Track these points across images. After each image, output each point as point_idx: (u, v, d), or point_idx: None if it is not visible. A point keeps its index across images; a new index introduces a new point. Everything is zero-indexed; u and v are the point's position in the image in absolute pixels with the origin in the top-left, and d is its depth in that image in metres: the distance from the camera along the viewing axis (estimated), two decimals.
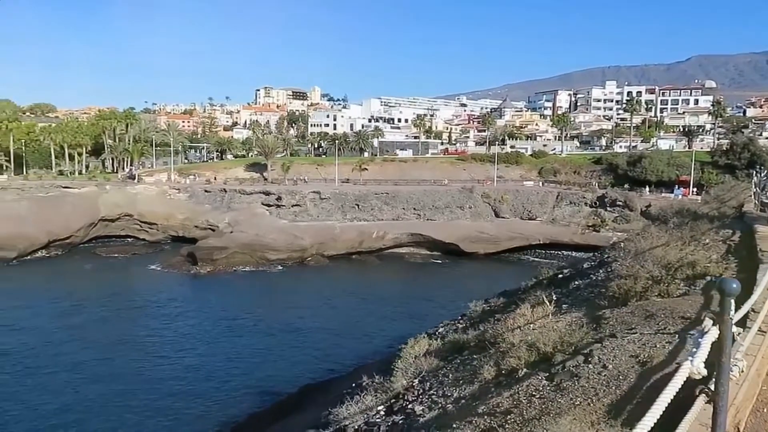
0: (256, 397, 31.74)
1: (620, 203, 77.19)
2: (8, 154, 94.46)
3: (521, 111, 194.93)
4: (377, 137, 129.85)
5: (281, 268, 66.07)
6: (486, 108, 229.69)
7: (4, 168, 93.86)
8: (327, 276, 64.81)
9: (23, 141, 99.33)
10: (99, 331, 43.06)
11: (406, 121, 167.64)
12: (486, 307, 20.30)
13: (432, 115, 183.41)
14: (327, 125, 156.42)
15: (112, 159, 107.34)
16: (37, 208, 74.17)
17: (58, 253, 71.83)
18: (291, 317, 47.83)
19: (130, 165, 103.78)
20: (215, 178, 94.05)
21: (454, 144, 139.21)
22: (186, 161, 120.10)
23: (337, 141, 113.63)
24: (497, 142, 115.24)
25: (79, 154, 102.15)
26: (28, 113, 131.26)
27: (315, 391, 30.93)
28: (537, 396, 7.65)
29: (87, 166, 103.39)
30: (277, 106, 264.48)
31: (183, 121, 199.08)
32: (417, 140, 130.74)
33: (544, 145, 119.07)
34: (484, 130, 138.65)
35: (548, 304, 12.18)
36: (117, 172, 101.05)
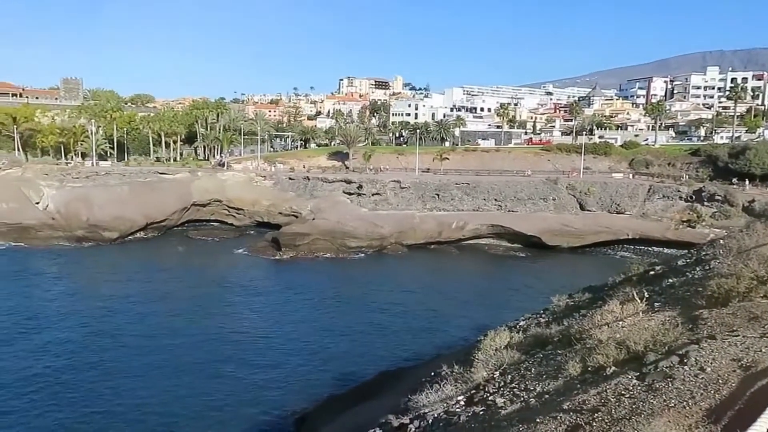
0: (334, 380, 32.50)
1: (719, 198, 72.17)
2: (112, 142, 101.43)
3: (611, 99, 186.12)
4: (459, 127, 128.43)
5: (361, 255, 67.06)
6: (573, 96, 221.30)
7: (108, 154, 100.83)
8: (405, 265, 65.11)
9: (125, 129, 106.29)
10: (188, 307, 45.61)
11: (489, 110, 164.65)
12: (570, 302, 19.64)
13: (516, 104, 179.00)
14: (408, 114, 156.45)
15: (204, 147, 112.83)
16: (136, 193, 79.28)
17: (155, 234, 76.59)
18: (369, 304, 48.51)
19: (220, 153, 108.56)
20: (303, 167, 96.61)
21: (539, 134, 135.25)
22: (272, 149, 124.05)
23: (418, 130, 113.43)
24: (585, 132, 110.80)
25: (174, 142, 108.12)
26: (129, 103, 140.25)
27: (391, 377, 31.21)
28: (627, 395, 7.33)
29: (181, 154, 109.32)
30: (360, 96, 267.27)
31: (269, 111, 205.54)
32: (500, 130, 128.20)
33: (636, 135, 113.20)
34: (571, 120, 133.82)
35: (639, 301, 11.62)
36: (208, 160, 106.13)
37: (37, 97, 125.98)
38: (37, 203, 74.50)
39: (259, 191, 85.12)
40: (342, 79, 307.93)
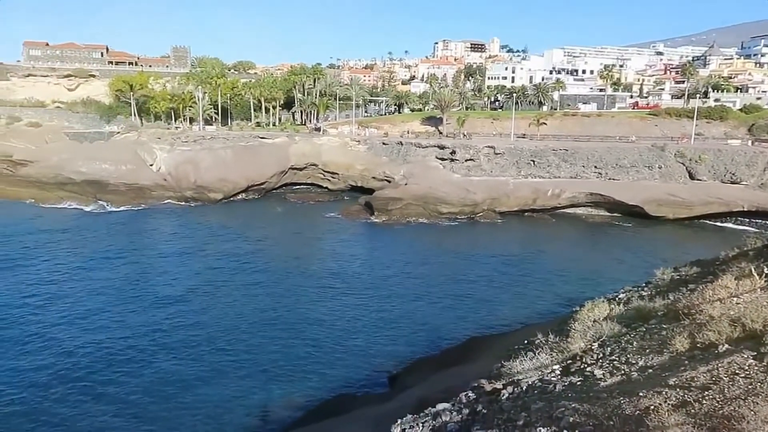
0: (423, 342, 33.06)
1: None
2: (216, 107, 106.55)
3: (731, 59, 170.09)
4: (558, 90, 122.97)
5: (452, 222, 66.84)
6: (686, 56, 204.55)
7: (213, 119, 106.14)
8: (498, 232, 64.19)
9: (228, 95, 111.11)
10: (286, 266, 47.79)
11: (591, 72, 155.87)
12: (675, 276, 18.60)
13: (621, 66, 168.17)
14: (505, 78, 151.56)
15: (301, 112, 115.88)
16: (238, 157, 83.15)
17: (255, 196, 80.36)
18: (459, 270, 48.49)
19: (316, 118, 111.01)
20: (397, 132, 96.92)
21: (646, 97, 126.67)
22: (366, 114, 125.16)
23: (514, 94, 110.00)
24: (698, 95, 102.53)
25: (273, 107, 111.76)
26: (232, 70, 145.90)
27: (481, 343, 31.28)
28: (741, 375, 6.91)
29: (279, 119, 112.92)
30: (455, 59, 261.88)
31: (364, 76, 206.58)
32: (602, 93, 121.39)
33: (758, 98, 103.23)
34: (683, 82, 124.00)
35: (757, 277, 10.79)
36: (305, 124, 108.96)
37: (150, 66, 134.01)
38: (151, 165, 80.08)
39: (353, 156, 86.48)
40: (437, 43, 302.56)
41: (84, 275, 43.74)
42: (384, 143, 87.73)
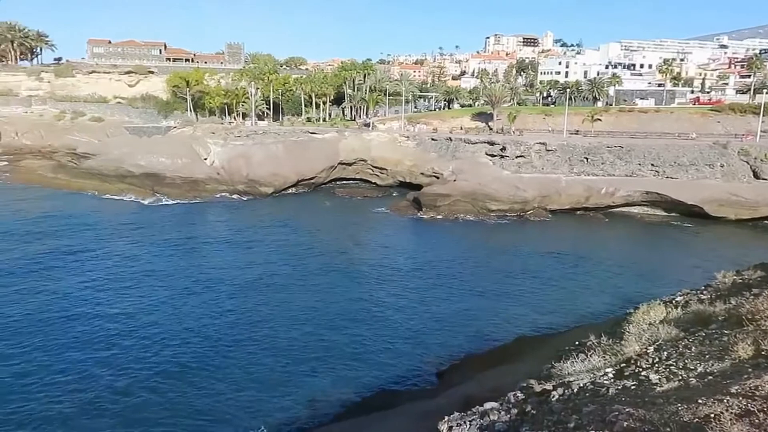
0: (471, 340, 32.81)
1: None
2: (268, 103, 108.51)
3: None
4: (614, 85, 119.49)
5: (501, 219, 66.01)
6: (753, 49, 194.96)
7: (265, 114, 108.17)
8: (548, 230, 62.98)
9: (280, 91, 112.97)
10: (334, 260, 48.35)
11: (650, 66, 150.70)
12: (738, 279, 17.82)
13: (682, 60, 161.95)
14: (558, 73, 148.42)
15: (351, 107, 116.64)
16: (289, 151, 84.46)
17: (304, 191, 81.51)
18: (508, 268, 47.86)
19: (366, 113, 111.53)
20: (446, 128, 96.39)
21: (708, 92, 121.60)
22: (415, 110, 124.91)
23: (568, 89, 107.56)
24: (765, 90, 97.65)
25: (324, 103, 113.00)
26: (284, 66, 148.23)
27: (530, 343, 30.85)
28: None
29: (329, 114, 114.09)
30: (506, 54, 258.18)
31: (414, 71, 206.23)
32: (661, 88, 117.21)
33: None
34: (749, 76, 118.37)
35: None
36: (354, 120, 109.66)
37: (205, 62, 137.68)
38: (205, 159, 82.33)
39: (402, 151, 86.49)
40: (488, 37, 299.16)
41: (142, 266, 45.36)
42: (433, 139, 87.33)
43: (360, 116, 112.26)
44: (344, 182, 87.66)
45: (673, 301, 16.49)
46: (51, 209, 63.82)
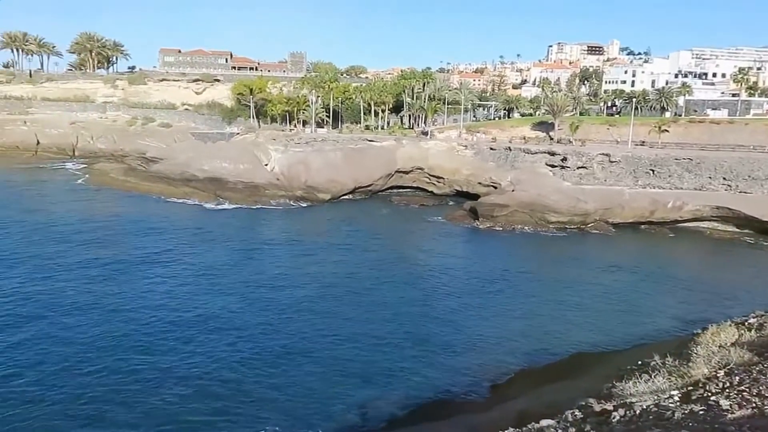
0: (526, 353, 32.06)
1: None
2: (328, 110, 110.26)
3: None
4: (683, 95, 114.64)
5: (561, 231, 64.41)
6: None
7: (325, 122, 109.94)
8: (610, 244, 60.95)
9: (340, 99, 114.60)
10: (391, 267, 48.41)
11: (723, 75, 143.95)
12: None
13: (759, 68, 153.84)
14: (624, 82, 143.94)
15: (409, 116, 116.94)
16: (347, 159, 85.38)
17: (361, 197, 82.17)
18: (567, 281, 46.63)
19: (424, 122, 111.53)
20: (506, 137, 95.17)
21: None
22: (474, 119, 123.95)
23: (634, 99, 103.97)
24: None
25: (383, 111, 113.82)
26: (344, 74, 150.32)
27: (588, 360, 29.90)
28: None
29: (388, 122, 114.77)
30: (570, 63, 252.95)
31: (474, 80, 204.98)
32: (735, 98, 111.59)
33: None
34: None
35: None
36: (413, 128, 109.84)
37: (269, 70, 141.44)
38: (266, 165, 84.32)
39: (459, 160, 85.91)
40: (551, 46, 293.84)
41: (202, 268, 46.52)
42: (491, 148, 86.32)
43: (418, 125, 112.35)
44: (401, 190, 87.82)
45: (746, 323, 15.58)
46: (121, 211, 66.97)
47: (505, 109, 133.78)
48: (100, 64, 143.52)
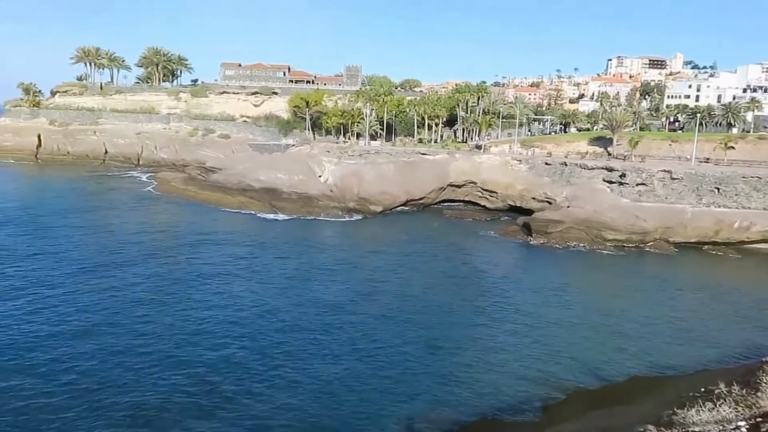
0: (580, 374, 31.08)
1: None
2: (382, 123, 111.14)
3: None
4: (753, 110, 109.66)
5: (618, 249, 62.41)
6: None
7: (378, 135, 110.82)
8: (670, 264, 58.57)
9: (394, 112, 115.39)
10: (442, 281, 48.07)
11: None
12: None
13: None
14: (687, 96, 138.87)
15: (463, 129, 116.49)
16: (400, 171, 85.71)
17: (413, 210, 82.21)
18: (624, 300, 45.19)
19: (478, 135, 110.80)
20: (561, 152, 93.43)
21: None
22: (529, 133, 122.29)
23: (698, 114, 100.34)
24: None
25: (436, 124, 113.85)
26: (399, 88, 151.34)
27: (646, 384, 28.76)
28: None
29: (441, 136, 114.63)
30: (630, 77, 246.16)
31: (529, 94, 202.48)
32: None
33: None
34: None
35: None
36: (466, 142, 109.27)
37: (324, 84, 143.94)
38: (320, 176, 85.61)
39: (513, 175, 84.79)
40: (610, 59, 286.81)
41: (256, 277, 47.62)
42: (547, 163, 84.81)
43: (472, 138, 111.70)
44: (453, 204, 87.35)
45: None
46: (181, 220, 69.92)
47: (561, 124, 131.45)
48: (165, 78, 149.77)
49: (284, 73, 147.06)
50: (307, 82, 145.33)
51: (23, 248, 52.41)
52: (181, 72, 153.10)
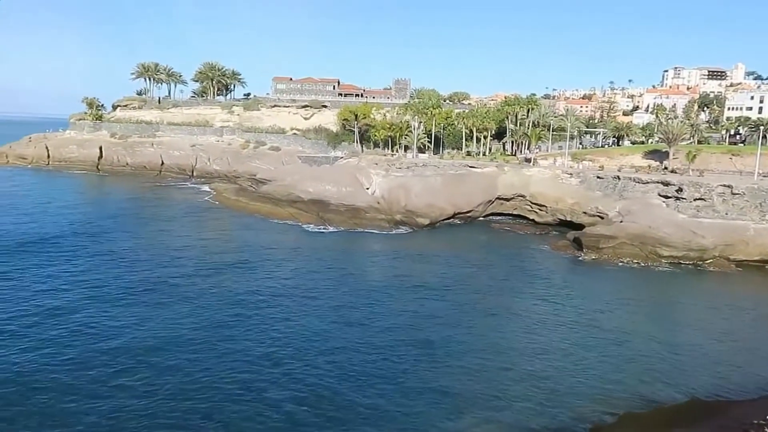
0: (633, 395, 30.01)
1: None
2: (430, 136, 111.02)
3: None
4: None
5: (673, 267, 60.09)
6: None
7: (426, 147, 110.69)
8: (730, 283, 55.95)
9: (442, 125, 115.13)
10: (493, 296, 47.40)
11: None
12: None
13: None
14: (750, 108, 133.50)
15: (512, 142, 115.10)
16: (447, 184, 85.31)
17: (460, 223, 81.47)
18: (680, 319, 43.61)
19: (528, 148, 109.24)
20: (615, 166, 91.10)
21: None
22: (580, 146, 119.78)
23: (761, 127, 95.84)
24: None
25: (485, 137, 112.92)
26: (447, 101, 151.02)
27: (706, 407, 27.52)
28: None
29: (489, 149, 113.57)
30: (687, 88, 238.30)
31: (581, 106, 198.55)
32: None
33: None
34: None
35: None
36: (515, 155, 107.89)
37: (373, 97, 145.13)
38: (367, 188, 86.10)
39: (563, 189, 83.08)
40: (666, 70, 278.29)
41: (307, 291, 47.59)
42: (598, 177, 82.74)
43: (521, 151, 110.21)
44: (500, 217, 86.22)
45: None
46: (233, 230, 71.88)
47: (614, 137, 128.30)
48: (219, 92, 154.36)
49: (334, 86, 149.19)
50: (357, 95, 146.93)
51: (87, 258, 54.65)
52: (234, 86, 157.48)
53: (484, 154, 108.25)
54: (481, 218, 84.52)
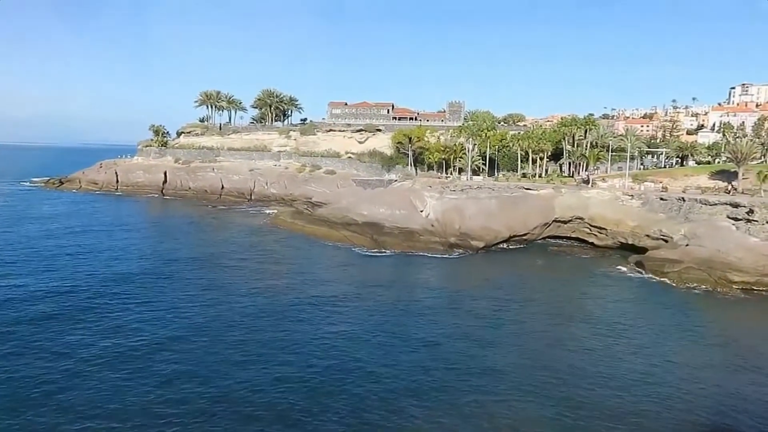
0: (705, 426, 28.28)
1: None
2: (484, 158, 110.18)
3: None
4: None
5: (746, 293, 56.82)
6: None
7: (480, 170, 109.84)
8: None
9: (497, 147, 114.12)
10: (551, 320, 46.09)
11: None
12: None
13: None
14: None
15: (569, 163, 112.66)
16: (502, 206, 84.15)
17: (516, 246, 79.90)
18: (756, 350, 40.73)
19: (586, 169, 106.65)
20: (679, 187, 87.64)
21: None
22: (641, 167, 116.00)
23: None
24: None
25: (541, 159, 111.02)
26: (502, 122, 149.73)
27: None
28: None
29: (546, 170, 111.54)
30: (757, 105, 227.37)
31: (642, 126, 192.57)
32: None
33: None
34: None
35: None
36: (573, 176, 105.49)
37: (427, 120, 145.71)
38: (421, 211, 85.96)
39: (624, 211, 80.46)
40: (733, 87, 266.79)
41: (371, 319, 47.39)
42: (662, 199, 79.72)
43: (579, 173, 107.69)
44: (558, 240, 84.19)
45: None
46: (290, 251, 73.45)
47: (677, 157, 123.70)
48: (277, 117, 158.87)
49: (388, 110, 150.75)
50: (411, 118, 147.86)
51: (156, 279, 56.94)
52: (291, 111, 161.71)
53: (540, 176, 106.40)
54: (537, 241, 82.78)
